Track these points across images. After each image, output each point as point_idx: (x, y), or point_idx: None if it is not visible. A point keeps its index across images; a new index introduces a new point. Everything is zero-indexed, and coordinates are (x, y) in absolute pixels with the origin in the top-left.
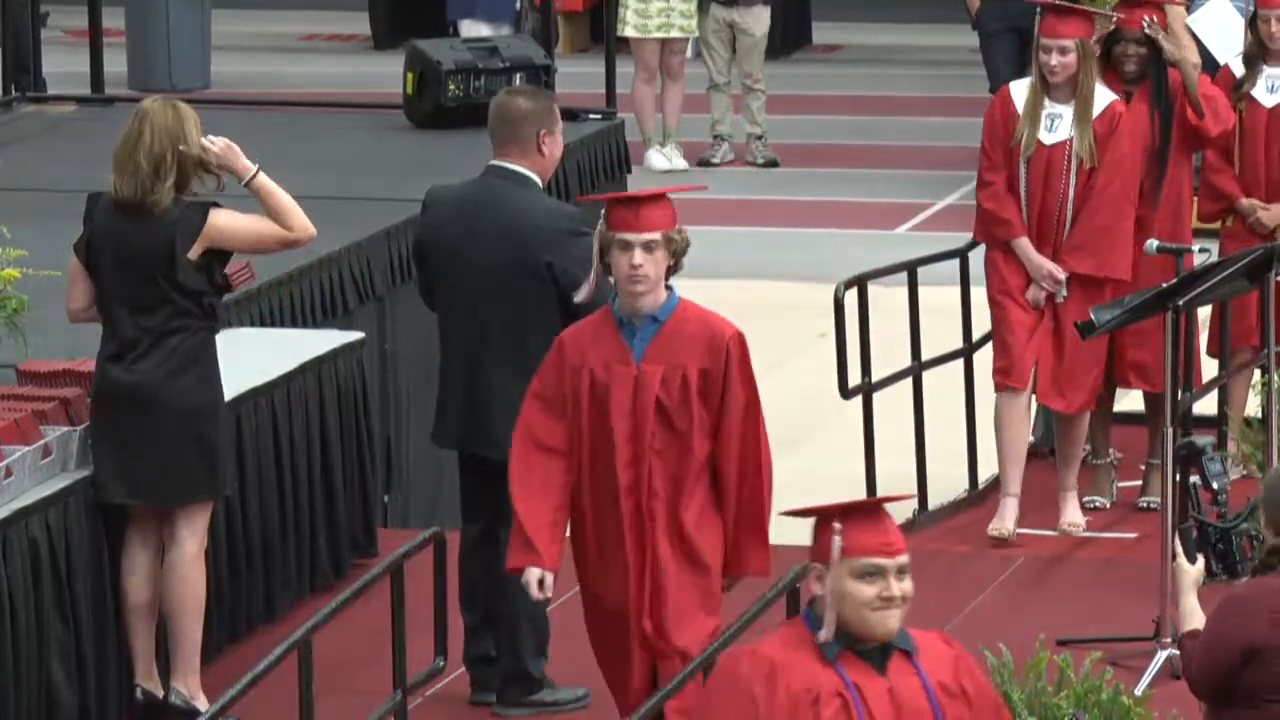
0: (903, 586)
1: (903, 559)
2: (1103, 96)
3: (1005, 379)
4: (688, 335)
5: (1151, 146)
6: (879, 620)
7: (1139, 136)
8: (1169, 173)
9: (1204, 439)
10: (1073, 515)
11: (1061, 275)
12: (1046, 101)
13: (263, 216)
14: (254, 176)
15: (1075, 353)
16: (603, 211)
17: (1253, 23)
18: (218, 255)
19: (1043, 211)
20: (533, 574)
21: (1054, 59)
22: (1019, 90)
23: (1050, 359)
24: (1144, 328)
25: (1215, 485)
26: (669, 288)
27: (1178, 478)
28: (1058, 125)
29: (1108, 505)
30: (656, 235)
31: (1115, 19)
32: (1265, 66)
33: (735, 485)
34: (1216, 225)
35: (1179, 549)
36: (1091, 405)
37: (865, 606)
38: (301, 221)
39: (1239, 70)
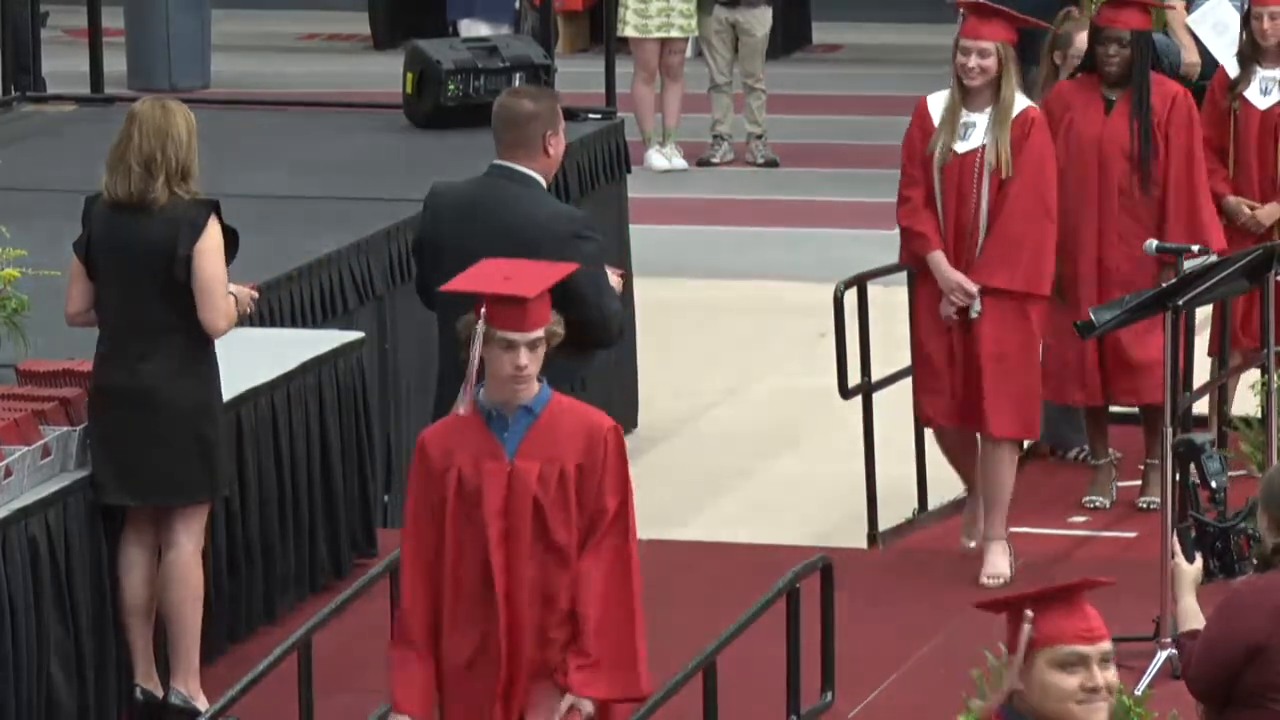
0: (1107, 676)
1: (1105, 646)
2: (1019, 103)
3: (932, 417)
4: (564, 428)
5: (1131, 153)
6: (1084, 715)
7: (1048, 147)
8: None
9: (1203, 436)
10: (997, 566)
11: (973, 288)
12: (963, 110)
13: (222, 285)
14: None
15: (1000, 379)
16: (479, 306)
17: (1246, 21)
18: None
19: (958, 223)
20: None
21: (973, 61)
22: (936, 102)
23: (969, 383)
24: (1120, 346)
25: (1214, 484)
26: (539, 378)
27: (1176, 476)
28: (971, 133)
29: (1108, 505)
30: (540, 333)
31: (1097, 17)
32: (1259, 68)
33: (598, 613)
34: None
35: (1177, 548)
36: (1027, 436)
37: (1069, 699)
38: (217, 322)
39: (1233, 71)
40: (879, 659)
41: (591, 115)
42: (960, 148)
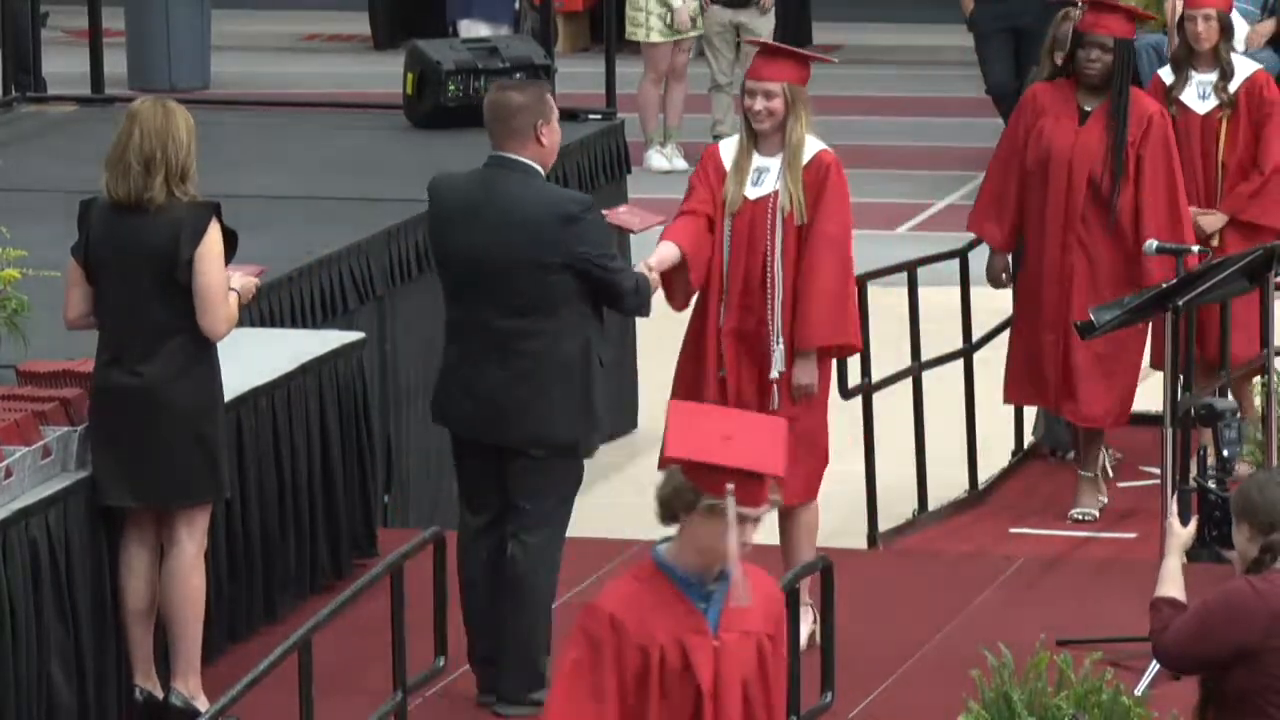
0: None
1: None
2: (811, 146)
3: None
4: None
5: (1105, 161)
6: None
7: (846, 192)
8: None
9: (1225, 403)
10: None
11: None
12: (755, 154)
13: (223, 290)
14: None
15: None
16: (695, 484)
17: (1180, 24)
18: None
19: (747, 273)
20: None
21: (759, 103)
22: (728, 147)
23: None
24: (1079, 365)
25: (1226, 452)
26: None
27: (1179, 473)
28: (764, 178)
29: (1096, 516)
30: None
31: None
32: (1195, 72)
33: None
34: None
35: (1174, 508)
36: (801, 497)
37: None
38: (217, 328)
39: (1169, 77)
40: (879, 659)
41: (591, 115)
42: (752, 193)
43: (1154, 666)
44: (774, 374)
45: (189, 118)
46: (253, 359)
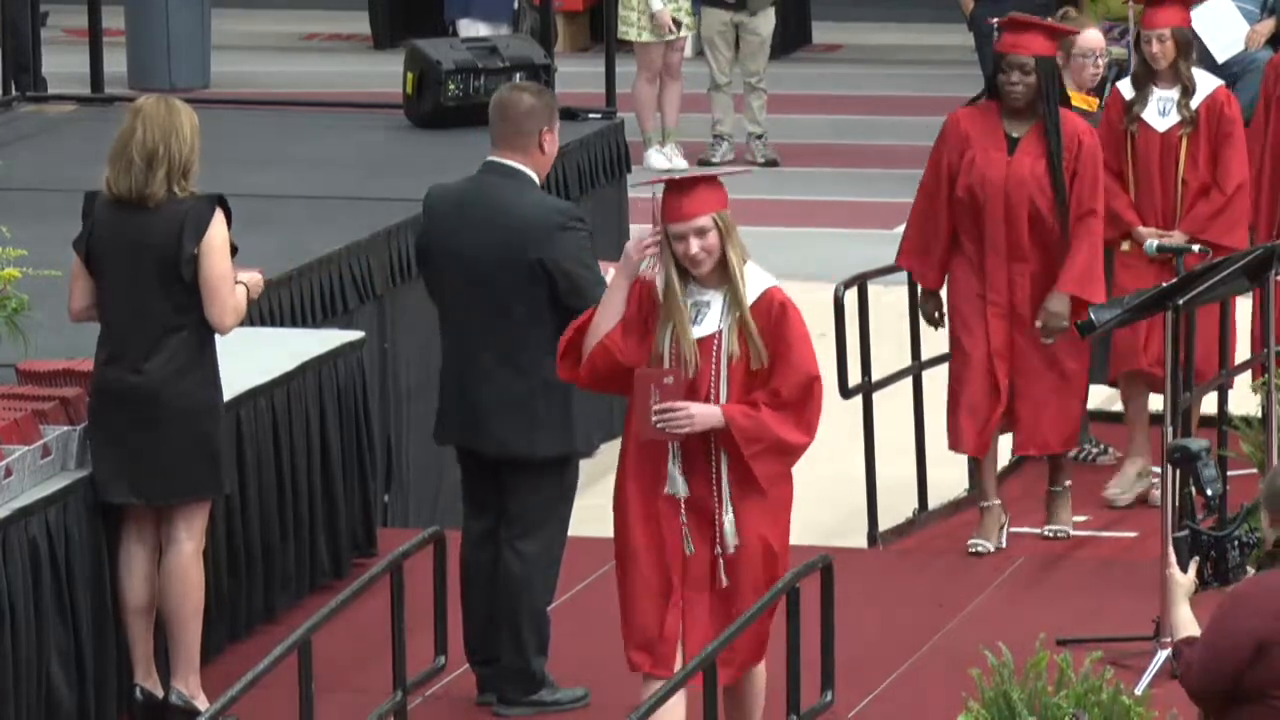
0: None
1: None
2: (758, 281)
3: (651, 668)
4: None
5: (1043, 190)
6: None
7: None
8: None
9: (1198, 443)
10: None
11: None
12: (692, 287)
13: (229, 282)
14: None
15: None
16: None
17: (1137, 43)
18: None
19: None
20: None
21: (694, 246)
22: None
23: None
24: (1027, 393)
25: (1209, 491)
26: None
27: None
28: (704, 316)
29: (1069, 534)
30: None
31: (999, 41)
32: (1155, 89)
33: None
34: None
35: (1173, 558)
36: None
37: None
38: (224, 319)
39: (1129, 93)
40: (879, 659)
41: (591, 115)
42: (694, 334)
43: (1154, 666)
44: (723, 549)
45: (194, 116)
46: (253, 359)
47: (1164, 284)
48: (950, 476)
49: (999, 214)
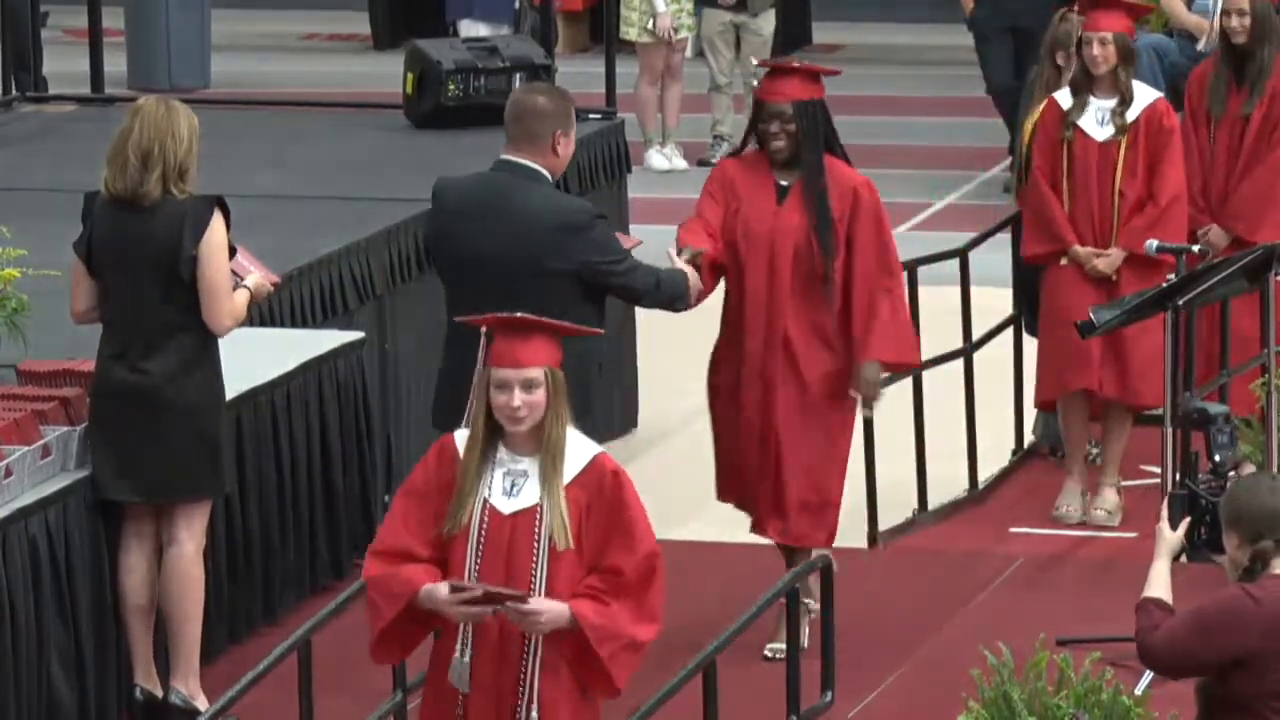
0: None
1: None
2: (582, 450)
3: None
4: None
5: (809, 246)
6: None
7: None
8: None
9: (1218, 407)
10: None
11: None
12: (507, 455)
13: (227, 284)
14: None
15: None
16: None
17: (1078, 47)
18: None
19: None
20: None
21: (516, 398)
22: (462, 438)
23: None
24: (785, 481)
25: (1218, 456)
26: None
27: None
28: (520, 488)
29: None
30: None
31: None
32: (1093, 98)
33: None
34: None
35: (1164, 512)
36: None
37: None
38: (221, 322)
39: (1066, 101)
40: (879, 659)
41: (592, 115)
42: (507, 505)
43: None
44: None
45: (193, 117)
46: (253, 358)
47: (1163, 284)
48: (950, 476)
49: (763, 268)
